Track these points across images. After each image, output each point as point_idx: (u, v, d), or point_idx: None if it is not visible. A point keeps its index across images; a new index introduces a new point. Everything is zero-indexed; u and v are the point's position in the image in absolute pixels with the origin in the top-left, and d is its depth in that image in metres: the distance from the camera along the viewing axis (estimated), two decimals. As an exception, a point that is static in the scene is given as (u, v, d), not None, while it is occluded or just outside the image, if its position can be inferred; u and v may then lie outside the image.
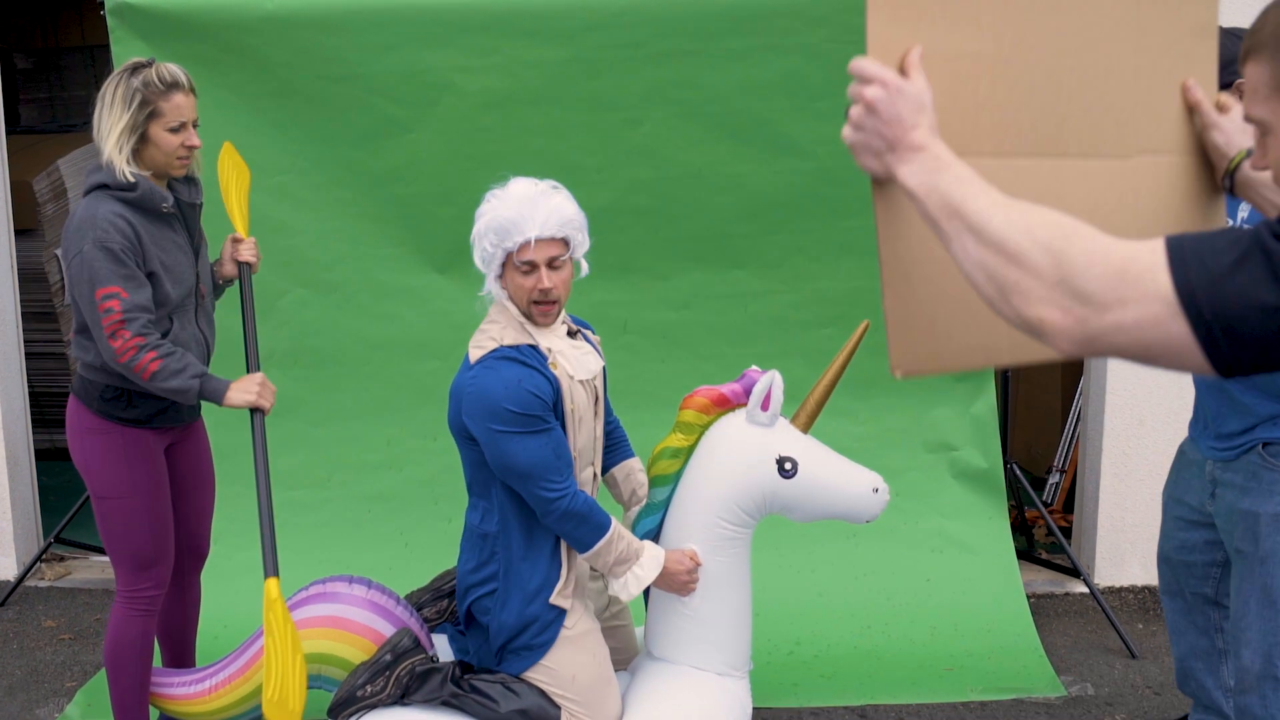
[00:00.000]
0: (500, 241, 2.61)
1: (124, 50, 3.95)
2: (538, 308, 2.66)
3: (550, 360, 2.66)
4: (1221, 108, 1.68)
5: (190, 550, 3.29)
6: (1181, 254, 1.18)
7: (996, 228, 1.26)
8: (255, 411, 3.00)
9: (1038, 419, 5.52)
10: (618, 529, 2.71)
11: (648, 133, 4.02)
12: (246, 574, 4.16)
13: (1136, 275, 1.18)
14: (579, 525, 2.65)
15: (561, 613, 2.73)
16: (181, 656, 3.39)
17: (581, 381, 2.74)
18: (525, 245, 2.60)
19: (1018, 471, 4.32)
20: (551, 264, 2.63)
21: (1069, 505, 4.94)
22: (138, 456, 2.98)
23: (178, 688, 3.07)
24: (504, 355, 2.62)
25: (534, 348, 2.65)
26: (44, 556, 4.67)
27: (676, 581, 2.80)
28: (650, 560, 2.76)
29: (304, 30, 3.94)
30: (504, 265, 2.66)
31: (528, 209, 2.59)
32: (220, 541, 4.18)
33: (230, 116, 4.04)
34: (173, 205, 2.95)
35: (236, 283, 3.28)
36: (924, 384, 4.24)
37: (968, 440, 4.22)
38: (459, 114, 4.00)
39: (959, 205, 1.29)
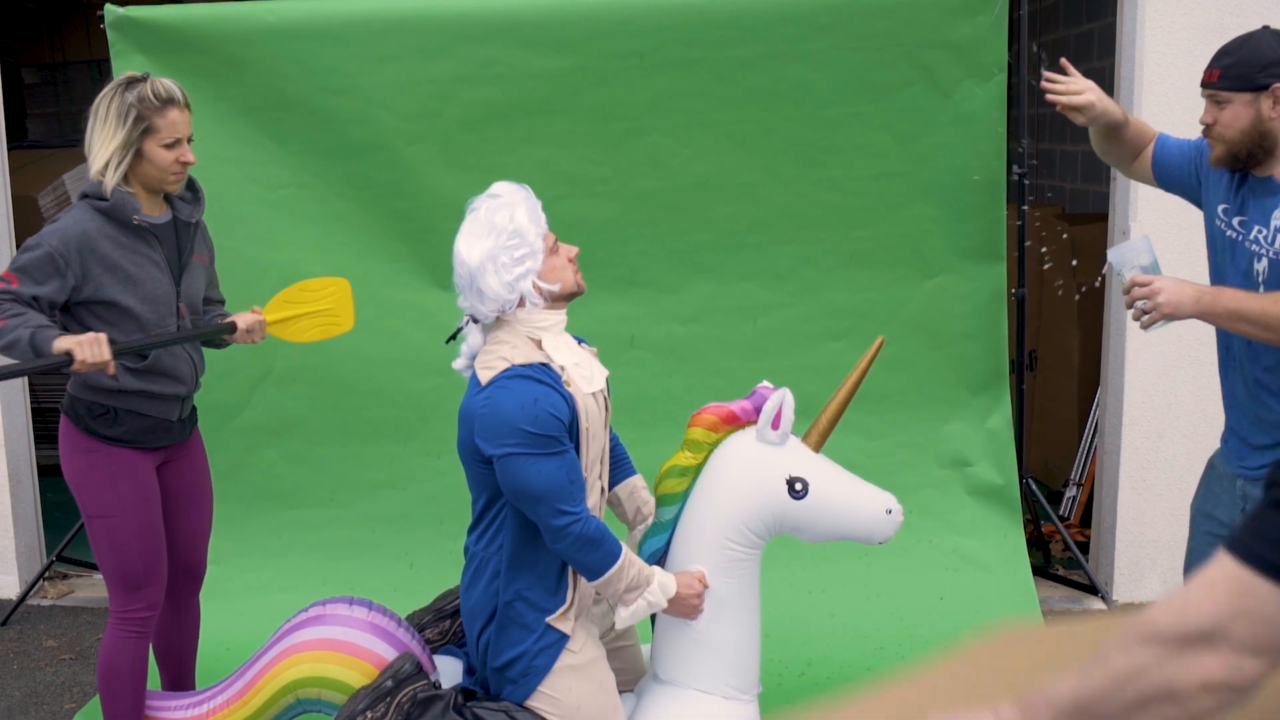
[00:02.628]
0: (539, 228, 2.59)
1: (124, 64, 3.92)
2: (579, 274, 2.67)
3: (564, 378, 2.59)
4: None
5: (186, 570, 3.23)
6: (1247, 546, 1.14)
7: (1103, 683, 1.20)
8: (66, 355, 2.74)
9: (1054, 432, 5.43)
10: (628, 555, 2.63)
11: (654, 143, 3.96)
12: (251, 595, 4.11)
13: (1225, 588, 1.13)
14: (591, 552, 2.57)
15: (562, 636, 2.66)
16: (181, 679, 3.34)
17: (593, 395, 2.67)
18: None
19: (1033, 486, 4.23)
20: None
21: (1086, 519, 4.85)
22: (125, 476, 2.93)
23: (174, 711, 3.00)
24: (518, 374, 2.54)
25: (546, 366, 2.58)
26: (48, 575, 4.62)
27: (686, 606, 2.72)
28: (661, 587, 2.68)
29: (304, 42, 3.89)
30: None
31: (530, 195, 2.63)
32: (223, 563, 4.13)
33: (231, 129, 4.01)
34: (145, 219, 2.91)
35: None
36: (938, 398, 4.16)
37: (983, 455, 4.14)
38: (461, 126, 3.95)
39: (1069, 707, 1.22)
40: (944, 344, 4.10)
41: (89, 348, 2.72)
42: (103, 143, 2.84)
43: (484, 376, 2.59)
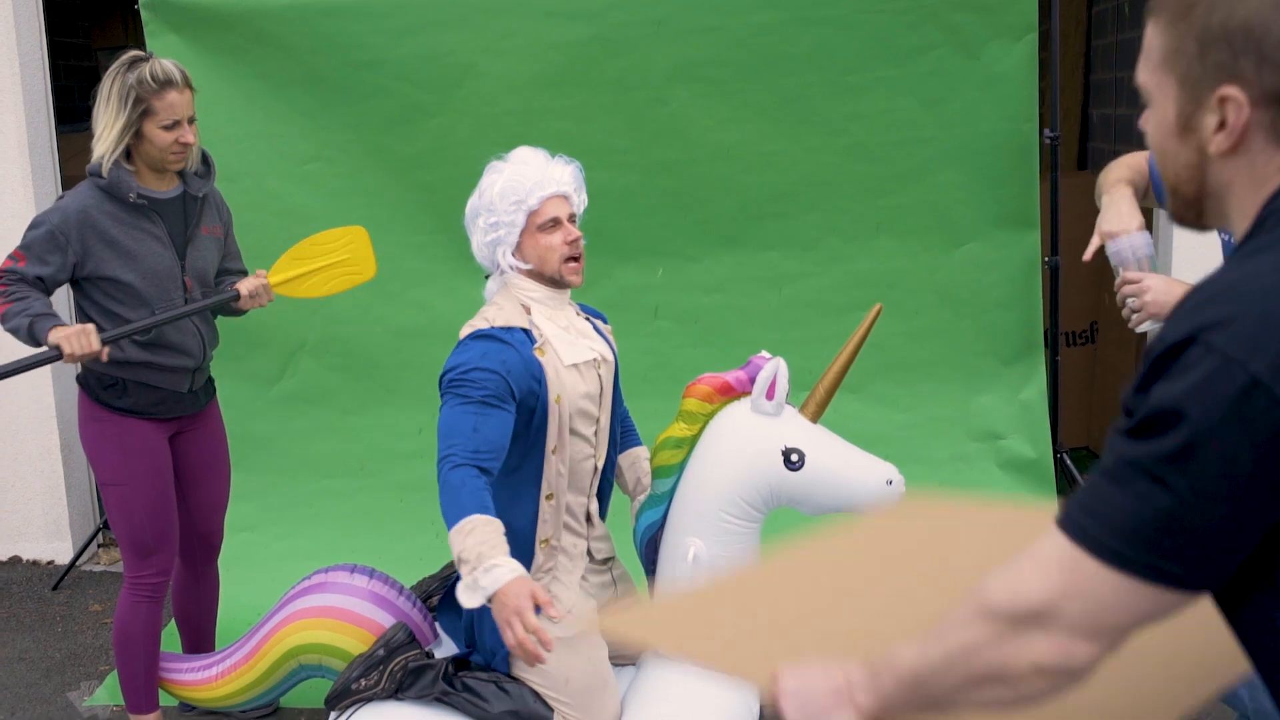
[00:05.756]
0: (522, 201, 2.55)
1: (158, 44, 3.99)
2: (570, 265, 2.59)
3: (538, 346, 2.57)
4: None
5: (201, 540, 3.30)
6: (1075, 521, 1.05)
7: (939, 658, 1.14)
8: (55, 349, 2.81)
9: (1113, 405, 5.26)
10: (478, 524, 2.32)
11: (674, 112, 3.92)
12: (281, 562, 4.18)
13: (1056, 565, 1.06)
14: (446, 499, 2.37)
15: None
16: (200, 644, 3.42)
17: (576, 368, 2.63)
18: (549, 200, 2.56)
19: (1068, 460, 4.09)
20: (570, 219, 2.62)
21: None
22: (134, 446, 3.01)
23: (185, 673, 3.09)
24: (483, 334, 2.53)
25: (525, 331, 2.56)
26: (101, 541, 4.78)
27: (504, 612, 2.26)
28: (490, 576, 2.29)
29: (327, 17, 3.93)
30: (522, 233, 2.58)
31: (545, 166, 2.58)
32: (257, 530, 4.22)
33: (261, 105, 4.06)
34: (145, 194, 2.96)
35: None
36: (970, 369, 4.05)
37: (1016, 428, 4.02)
38: (482, 98, 3.95)
39: (908, 677, 1.17)
40: (975, 314, 3.99)
41: (76, 340, 2.79)
42: (106, 125, 2.91)
43: (461, 334, 2.60)
